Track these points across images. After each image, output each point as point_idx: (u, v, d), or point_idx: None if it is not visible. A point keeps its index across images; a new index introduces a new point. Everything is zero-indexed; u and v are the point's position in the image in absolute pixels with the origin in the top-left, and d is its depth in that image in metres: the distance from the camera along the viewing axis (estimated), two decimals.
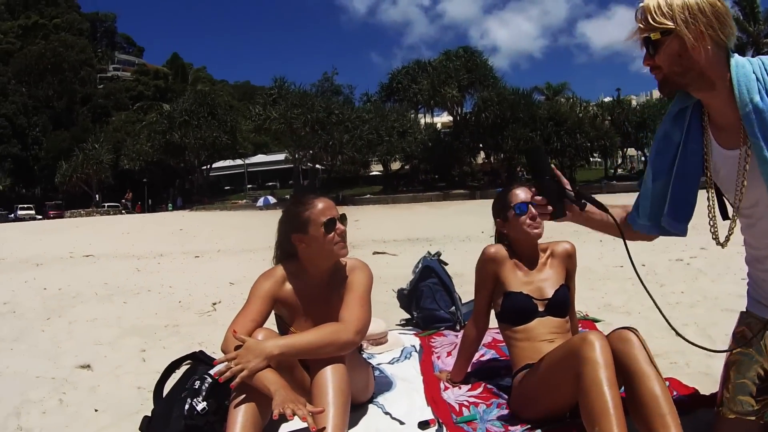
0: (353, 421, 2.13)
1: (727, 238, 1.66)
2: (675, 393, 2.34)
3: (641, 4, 1.61)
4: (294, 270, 2.17)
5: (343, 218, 2.18)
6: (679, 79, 1.60)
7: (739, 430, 1.64)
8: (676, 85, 1.63)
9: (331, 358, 1.91)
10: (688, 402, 2.25)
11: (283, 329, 2.18)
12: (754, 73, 1.54)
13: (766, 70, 1.55)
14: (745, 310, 1.78)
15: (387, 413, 2.27)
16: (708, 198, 1.67)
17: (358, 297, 2.09)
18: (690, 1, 1.53)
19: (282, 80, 36.97)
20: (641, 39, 1.61)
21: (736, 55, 1.59)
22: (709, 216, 1.67)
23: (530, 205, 2.29)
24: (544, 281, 2.40)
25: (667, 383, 2.34)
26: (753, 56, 1.59)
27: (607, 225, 1.82)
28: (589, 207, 1.78)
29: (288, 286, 2.15)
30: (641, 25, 1.60)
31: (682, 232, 1.72)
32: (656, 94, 48.95)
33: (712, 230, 1.68)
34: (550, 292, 2.35)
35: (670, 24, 1.54)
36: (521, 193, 2.39)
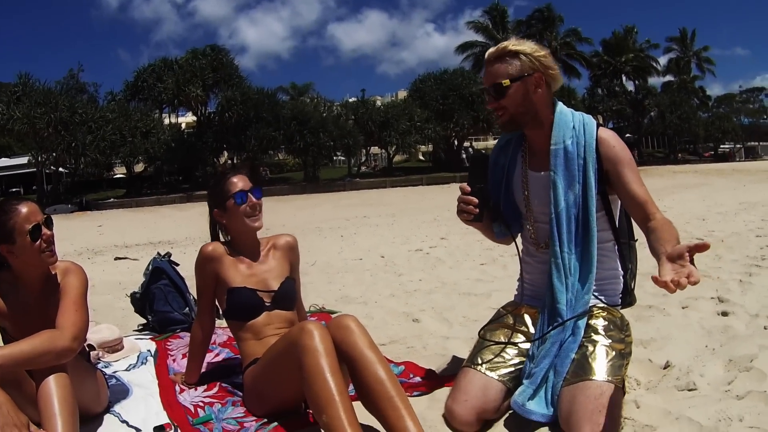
0: None
1: (545, 241, 2.44)
2: (412, 375, 2.87)
3: (491, 51, 2.36)
4: (8, 280, 2.38)
5: (48, 222, 2.34)
6: (521, 119, 2.37)
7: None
8: (517, 124, 2.39)
9: (53, 367, 2.07)
10: (425, 383, 2.75)
11: (9, 341, 2.33)
12: (573, 122, 2.36)
13: (584, 127, 2.34)
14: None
15: (124, 421, 2.50)
16: (526, 206, 2.49)
17: (73, 302, 2.28)
18: (532, 52, 2.28)
19: (27, 76, 38.18)
20: (490, 84, 2.33)
21: (560, 103, 2.39)
22: (528, 221, 2.51)
23: (249, 194, 2.66)
24: (268, 273, 2.73)
25: (403, 367, 2.95)
26: None
27: (491, 232, 2.62)
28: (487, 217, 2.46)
29: (5, 297, 2.37)
30: (492, 71, 2.33)
31: (511, 235, 2.56)
32: (401, 95, 55.52)
33: (532, 234, 2.52)
34: (275, 285, 2.70)
35: (518, 71, 2.29)
36: (239, 182, 2.68)
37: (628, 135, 59.98)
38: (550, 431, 2.24)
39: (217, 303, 2.85)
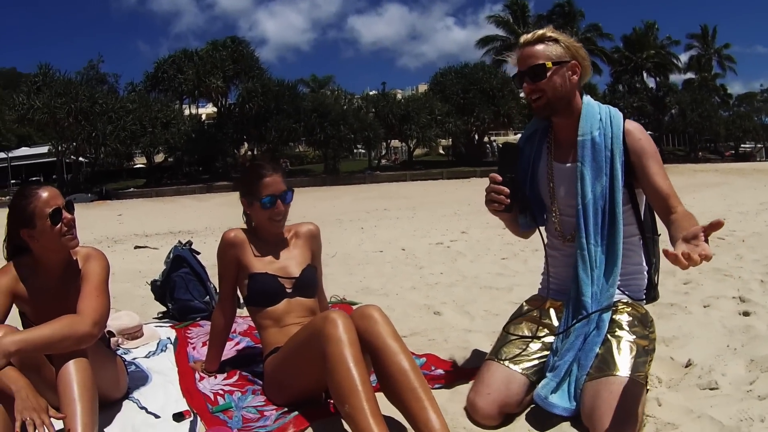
0: (108, 419, 2.39)
1: (570, 233, 2.45)
2: (433, 368, 2.84)
3: (526, 36, 2.37)
4: (29, 265, 2.37)
5: (69, 206, 2.35)
6: (557, 104, 2.34)
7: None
8: (553, 110, 2.36)
9: (73, 352, 2.07)
10: (447, 375, 2.75)
11: (28, 326, 2.33)
12: (600, 114, 2.37)
13: (611, 119, 2.35)
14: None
15: (143, 408, 2.52)
16: (551, 197, 2.49)
17: (94, 287, 2.29)
18: (571, 39, 2.34)
19: (47, 67, 38.71)
20: (527, 66, 2.32)
21: (587, 95, 2.42)
22: (553, 213, 2.51)
23: (279, 200, 2.67)
24: (290, 260, 2.74)
25: (425, 359, 2.93)
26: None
27: (516, 224, 2.61)
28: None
29: (25, 282, 2.36)
30: (531, 53, 2.32)
31: (536, 226, 2.58)
32: (422, 88, 55.84)
33: (557, 227, 2.50)
34: (296, 271, 2.70)
35: (558, 56, 2.30)
36: (272, 185, 2.66)
37: (649, 132, 59.09)
38: (572, 426, 2.24)
39: (238, 291, 2.86)
